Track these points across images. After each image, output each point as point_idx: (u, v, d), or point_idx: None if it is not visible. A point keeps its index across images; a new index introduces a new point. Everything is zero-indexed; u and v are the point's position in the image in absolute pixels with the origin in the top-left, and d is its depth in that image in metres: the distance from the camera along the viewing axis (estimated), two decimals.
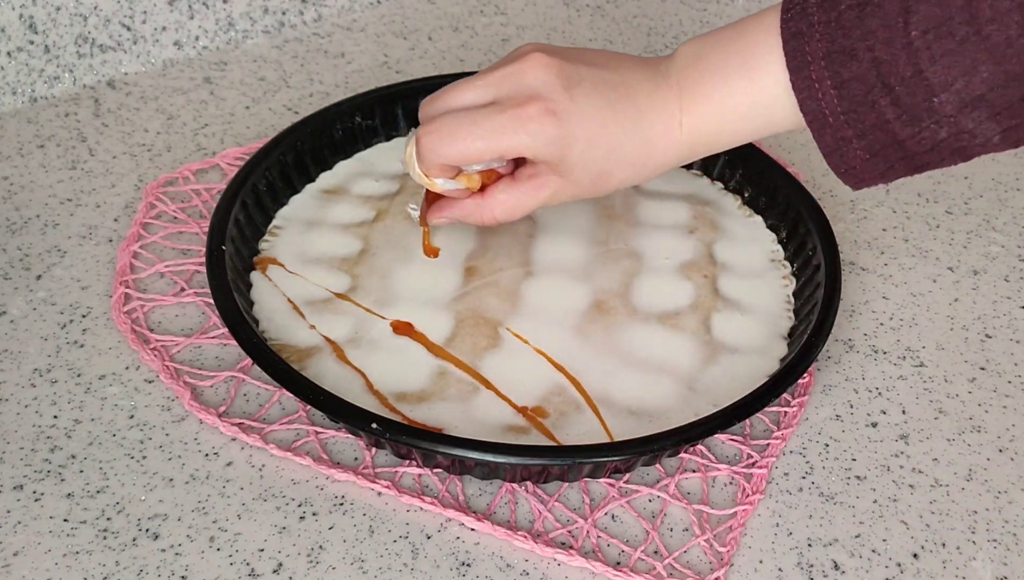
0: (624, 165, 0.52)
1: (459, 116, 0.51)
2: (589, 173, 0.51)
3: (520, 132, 0.50)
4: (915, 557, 0.50)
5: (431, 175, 0.53)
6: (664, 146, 0.52)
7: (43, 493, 0.50)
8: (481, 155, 0.51)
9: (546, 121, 0.49)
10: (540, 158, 0.51)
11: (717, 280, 0.62)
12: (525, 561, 0.49)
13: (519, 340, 0.57)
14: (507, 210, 0.54)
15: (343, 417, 0.50)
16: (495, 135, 0.50)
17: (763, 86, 0.49)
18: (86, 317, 0.59)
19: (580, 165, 0.51)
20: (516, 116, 0.50)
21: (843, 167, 0.48)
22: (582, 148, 0.50)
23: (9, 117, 0.73)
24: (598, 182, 0.52)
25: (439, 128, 0.51)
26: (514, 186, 0.53)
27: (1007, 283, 0.65)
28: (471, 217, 0.55)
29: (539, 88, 0.50)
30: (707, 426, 0.50)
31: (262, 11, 0.82)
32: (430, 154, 0.51)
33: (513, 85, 0.51)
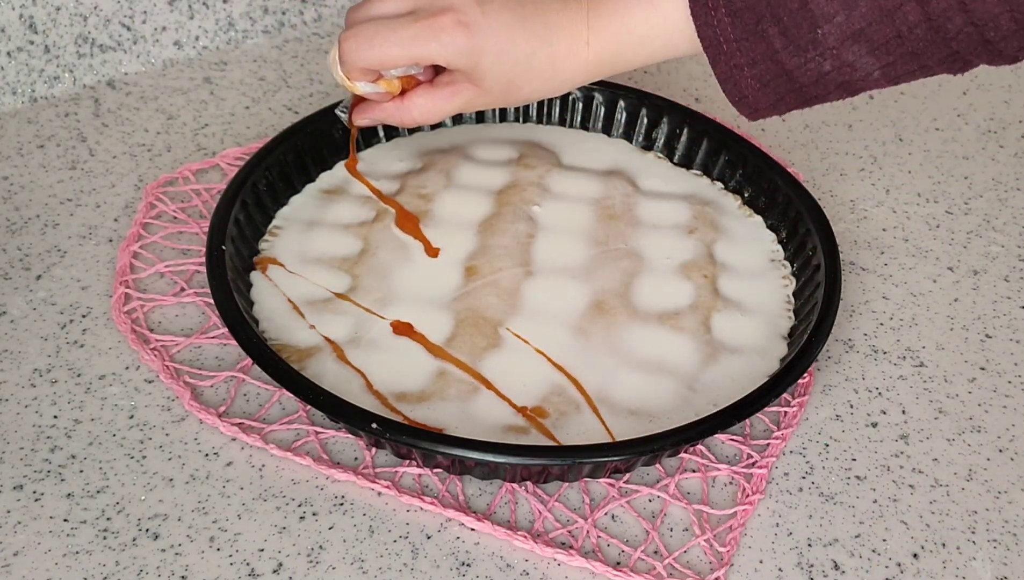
0: (532, 78, 0.55)
1: (378, 24, 0.54)
2: (499, 83, 0.55)
3: (432, 41, 0.53)
4: (915, 557, 0.50)
5: (352, 78, 0.56)
6: (572, 63, 0.55)
7: (43, 493, 0.50)
8: (396, 61, 0.54)
9: (457, 32, 0.53)
10: (452, 66, 0.54)
11: (717, 280, 0.62)
12: (525, 561, 0.49)
13: (519, 340, 0.57)
14: (424, 113, 0.57)
15: (343, 417, 0.50)
16: (409, 43, 0.53)
17: (663, 11, 0.52)
18: (86, 317, 0.59)
19: (490, 75, 0.54)
20: (430, 25, 0.53)
21: (737, 96, 0.52)
22: (491, 59, 0.53)
23: (9, 117, 0.73)
24: (508, 91, 0.55)
25: (358, 34, 0.54)
26: (431, 92, 0.57)
27: (1007, 283, 0.65)
28: (391, 118, 0.58)
29: (453, 1, 0.53)
30: (707, 426, 0.50)
31: (262, 11, 0.82)
32: (349, 57, 0.55)
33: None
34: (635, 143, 0.72)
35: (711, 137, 0.69)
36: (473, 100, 0.56)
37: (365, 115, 0.60)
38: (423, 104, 0.57)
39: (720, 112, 0.78)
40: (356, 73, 0.56)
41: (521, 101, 0.57)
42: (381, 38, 0.54)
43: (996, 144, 0.76)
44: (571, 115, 0.73)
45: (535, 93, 0.56)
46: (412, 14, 0.54)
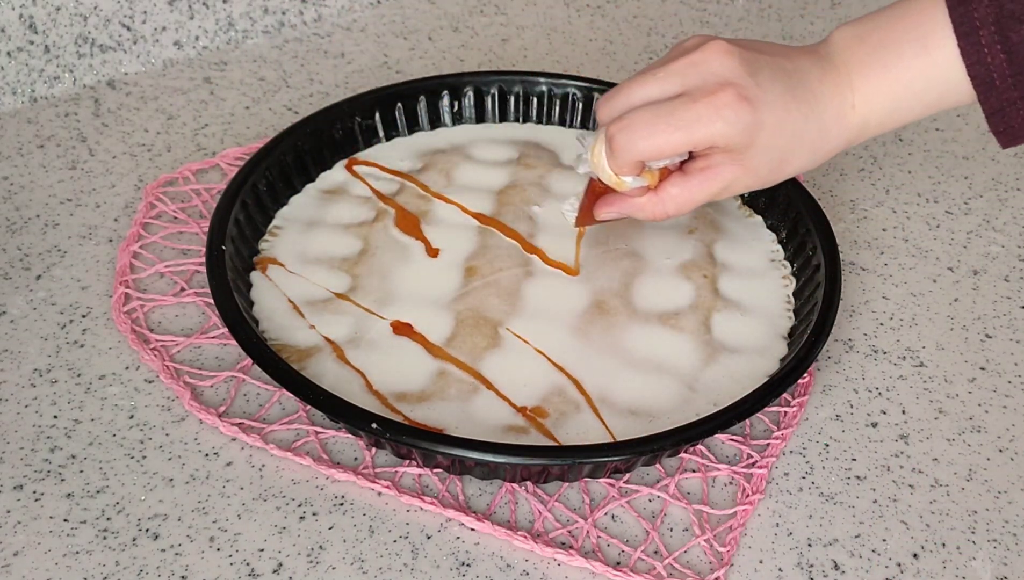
0: (803, 150, 0.52)
1: (652, 109, 0.50)
2: (770, 160, 0.51)
3: (717, 120, 0.49)
4: (915, 557, 0.50)
5: (623, 173, 0.52)
6: (838, 129, 0.52)
7: (43, 493, 0.50)
8: (677, 147, 0.51)
9: (741, 107, 0.49)
10: (731, 145, 0.50)
11: (717, 280, 0.62)
12: (525, 561, 0.49)
13: (519, 340, 0.57)
14: (679, 204, 0.53)
15: (343, 417, 0.50)
16: (691, 125, 0.50)
17: (935, 59, 0.50)
18: (86, 317, 0.59)
19: (764, 152, 0.51)
20: (711, 104, 0.49)
21: (1002, 126, 0.50)
22: (769, 133, 0.50)
23: (9, 117, 0.73)
24: (775, 169, 0.52)
25: (634, 123, 0.50)
26: (685, 180, 0.53)
27: (1007, 283, 0.65)
28: (642, 212, 0.55)
29: (727, 75, 0.50)
30: (707, 426, 0.50)
31: (262, 11, 0.82)
32: (626, 151, 0.51)
33: (699, 74, 0.50)
34: None
35: None
36: (732, 183, 0.52)
37: (612, 209, 0.55)
38: (678, 194, 0.53)
39: None
40: (628, 168, 0.52)
41: (782, 179, 0.53)
42: (662, 125, 0.50)
43: (996, 144, 0.76)
44: (571, 115, 0.73)
45: (800, 168, 0.53)
46: (685, 95, 0.50)
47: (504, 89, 0.72)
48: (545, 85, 0.72)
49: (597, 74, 0.81)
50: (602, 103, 0.54)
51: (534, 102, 0.72)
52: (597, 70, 0.82)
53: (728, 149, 0.51)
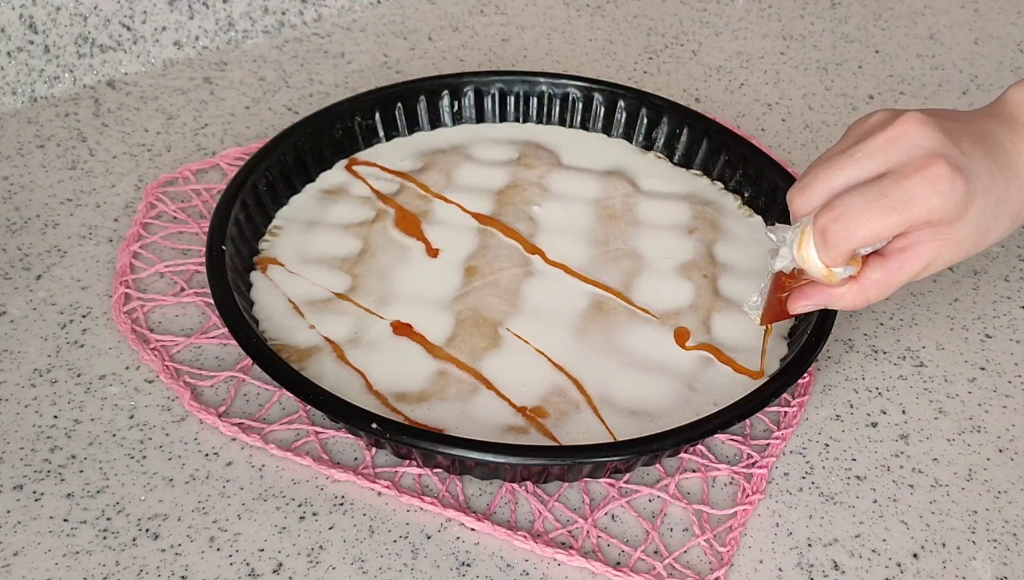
0: (1006, 217, 0.49)
1: (863, 193, 0.47)
2: (976, 231, 0.49)
3: (933, 195, 0.46)
4: (915, 557, 0.50)
5: (836, 264, 0.49)
6: None
7: (43, 493, 0.50)
8: (895, 230, 0.47)
9: (956, 178, 0.46)
10: (944, 219, 0.47)
11: (717, 280, 0.62)
12: (525, 561, 0.49)
13: (519, 340, 0.57)
14: (880, 290, 0.50)
15: (343, 417, 0.50)
16: (909, 204, 0.46)
17: None
18: (86, 317, 0.59)
19: (971, 223, 0.48)
20: (925, 178, 0.46)
21: None
22: (979, 202, 0.48)
23: (9, 117, 0.73)
24: (978, 241, 0.49)
25: (847, 211, 0.47)
26: (887, 263, 0.49)
27: (1007, 283, 0.65)
28: (842, 301, 0.51)
29: (934, 146, 0.47)
30: (707, 426, 0.50)
31: (262, 11, 0.82)
32: (842, 241, 0.47)
33: (902, 149, 0.47)
34: (635, 143, 0.72)
35: (711, 137, 0.69)
36: (935, 260, 0.49)
37: (811, 302, 0.51)
38: (879, 279, 0.49)
39: (720, 112, 0.78)
40: (843, 258, 0.48)
41: (983, 249, 0.50)
42: (878, 207, 0.46)
43: None
44: (571, 115, 0.73)
45: (1000, 236, 0.50)
46: (893, 173, 0.47)
47: (504, 89, 0.72)
48: (545, 85, 0.72)
49: (597, 74, 0.81)
50: (796, 193, 0.50)
51: (534, 102, 0.72)
52: (597, 70, 0.82)
53: (936, 224, 0.48)
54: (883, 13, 0.92)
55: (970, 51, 0.87)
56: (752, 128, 0.76)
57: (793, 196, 0.50)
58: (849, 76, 0.83)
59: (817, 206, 0.48)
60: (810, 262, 0.49)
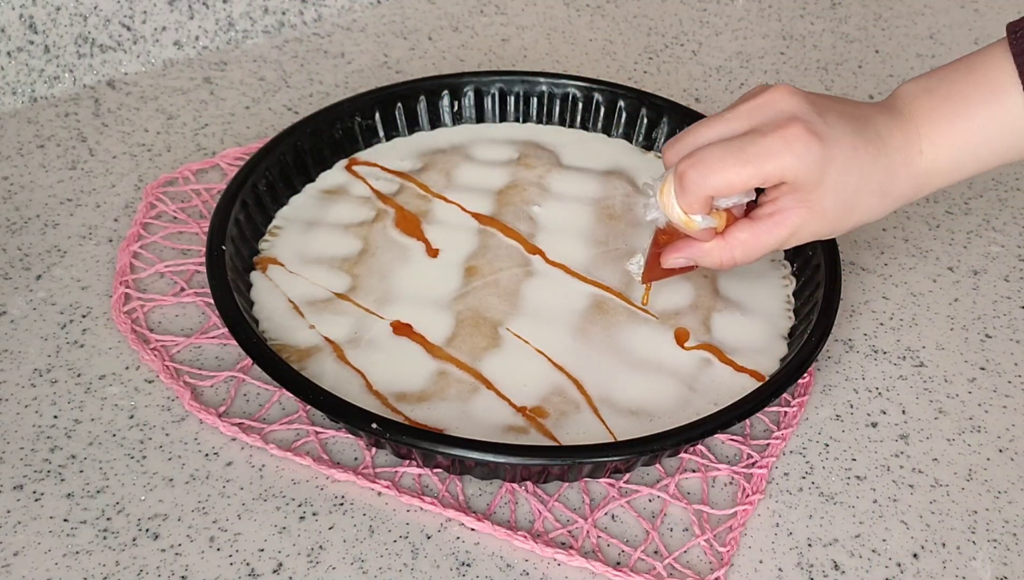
0: (870, 193, 0.51)
1: (723, 145, 0.50)
2: (838, 201, 0.51)
3: (787, 153, 0.49)
4: (915, 557, 0.50)
5: (693, 211, 0.52)
6: (906, 173, 0.52)
7: (43, 493, 0.50)
8: (747, 181, 0.50)
9: (810, 140, 0.49)
10: (800, 181, 0.50)
11: (717, 280, 0.62)
12: (525, 561, 0.49)
13: (519, 340, 0.57)
14: (747, 250, 0.53)
15: (343, 417, 0.50)
16: (762, 158, 0.49)
17: (1006, 106, 0.50)
18: (86, 317, 0.59)
19: (832, 192, 0.50)
20: (781, 137, 0.49)
21: None
22: (837, 171, 0.50)
23: (9, 117, 0.73)
24: (843, 213, 0.52)
25: (704, 159, 0.50)
26: (754, 225, 0.52)
27: (1007, 283, 0.65)
28: (709, 257, 0.54)
29: (795, 111, 0.50)
30: (707, 426, 0.50)
31: (262, 11, 0.82)
32: (697, 186, 0.50)
33: (766, 113, 0.51)
34: (635, 143, 0.72)
35: None
36: (800, 228, 0.52)
37: (680, 254, 0.54)
38: (746, 240, 0.52)
39: None
40: (699, 205, 0.51)
41: (849, 227, 0.53)
42: (732, 158, 0.50)
43: None
44: (571, 115, 0.73)
45: (866, 215, 0.52)
46: (754, 131, 0.50)
47: (504, 89, 0.72)
48: (545, 85, 0.72)
49: (597, 74, 0.81)
50: (669, 145, 0.53)
51: (534, 102, 0.72)
52: (597, 70, 0.82)
53: (796, 187, 0.50)
54: (883, 13, 0.92)
55: (970, 51, 0.87)
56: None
57: (667, 147, 0.54)
58: (849, 76, 0.83)
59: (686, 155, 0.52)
60: (670, 207, 0.52)
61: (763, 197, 0.53)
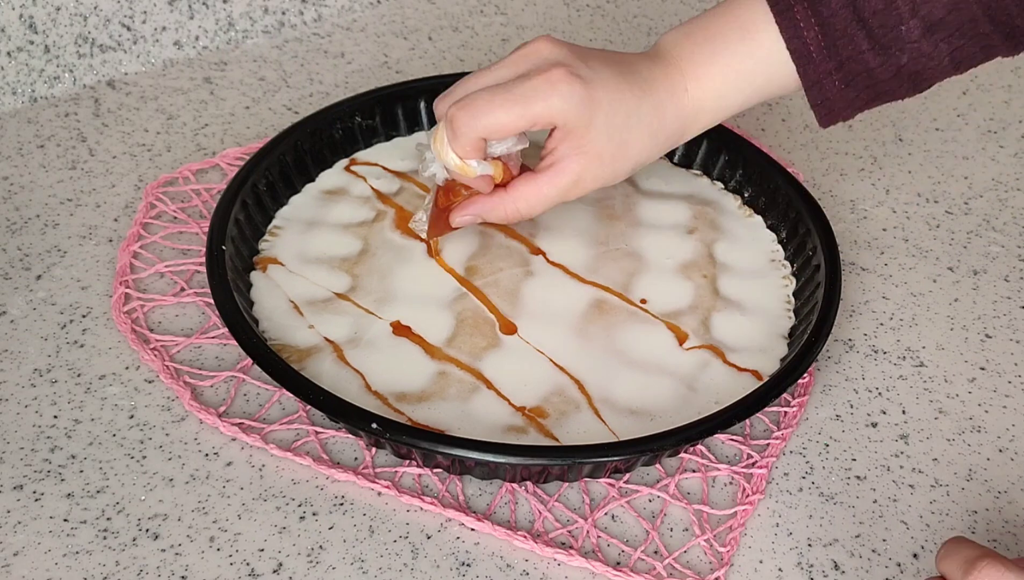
0: (641, 132, 0.53)
1: (490, 89, 0.52)
2: (611, 143, 0.53)
3: (552, 94, 0.51)
4: (915, 557, 0.50)
5: (466, 155, 0.53)
6: (674, 110, 0.54)
7: (43, 493, 0.50)
8: (516, 121, 0.52)
9: (574, 81, 0.51)
10: (570, 123, 0.52)
11: (717, 280, 0.62)
12: (525, 561, 0.49)
13: (519, 340, 0.57)
14: (531, 202, 0.55)
15: (343, 417, 0.50)
16: (528, 100, 0.51)
17: (760, 41, 0.53)
18: (86, 317, 0.59)
19: (604, 133, 0.52)
20: (546, 79, 0.51)
21: (820, 99, 0.54)
22: (605, 113, 0.52)
23: (9, 117, 0.73)
24: (618, 155, 0.53)
25: (472, 102, 0.52)
26: (535, 177, 0.54)
27: (1007, 283, 0.65)
28: (494, 211, 0.56)
29: (559, 58, 0.52)
30: (707, 426, 0.50)
31: (262, 11, 0.82)
32: (468, 128, 0.52)
33: (531, 61, 0.53)
34: None
35: (711, 137, 0.69)
36: (581, 175, 0.54)
37: (466, 212, 0.56)
38: (528, 190, 0.54)
39: None
40: (471, 147, 0.53)
41: (629, 167, 0.55)
42: (500, 100, 0.52)
43: (996, 144, 0.76)
44: None
45: (642, 153, 0.54)
46: (520, 76, 0.53)
47: None
48: None
49: None
50: (439, 99, 0.56)
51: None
52: None
53: (568, 132, 0.52)
54: None
55: None
56: (752, 128, 0.76)
57: (437, 101, 0.56)
58: None
59: None
60: (446, 155, 0.54)
61: (542, 152, 0.55)
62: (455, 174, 0.55)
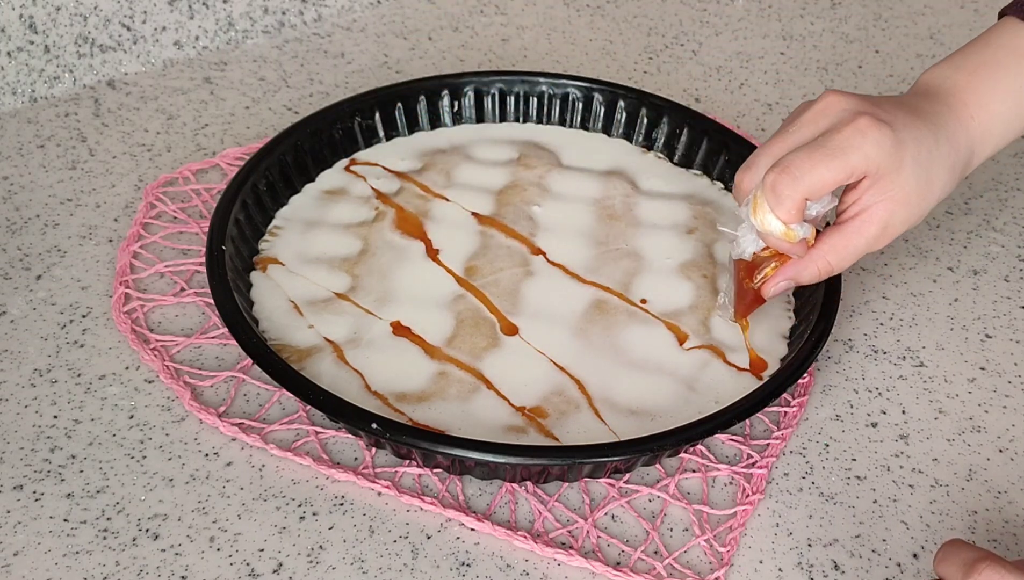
0: (943, 167, 0.53)
1: (804, 148, 0.51)
2: (918, 183, 0.52)
3: (865, 143, 0.50)
4: (915, 557, 0.50)
5: (791, 218, 0.51)
6: (965, 144, 0.54)
7: (43, 493, 0.50)
8: (836, 175, 0.51)
9: (883, 128, 0.51)
10: (883, 169, 0.51)
11: (717, 280, 0.62)
12: (525, 561, 0.49)
13: (519, 340, 0.57)
14: (840, 255, 0.53)
15: (343, 417, 0.50)
16: (845, 152, 0.50)
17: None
18: (86, 317, 0.59)
19: (911, 174, 0.52)
20: (856, 129, 0.51)
21: None
22: (912, 152, 0.52)
23: (9, 117, 0.73)
24: (924, 194, 0.53)
25: (791, 162, 0.51)
26: (842, 228, 0.53)
27: (1007, 283, 0.65)
28: (806, 271, 0.54)
29: (857, 108, 0.52)
30: (707, 426, 0.50)
31: (262, 11, 0.82)
32: (791, 189, 0.51)
33: (830, 116, 0.52)
34: (635, 143, 0.72)
35: (711, 137, 0.69)
36: (889, 221, 0.52)
37: (780, 279, 0.54)
38: (838, 243, 0.53)
39: (720, 112, 0.78)
40: (796, 209, 0.51)
41: (931, 206, 0.54)
42: (818, 157, 0.50)
43: None
44: (571, 115, 0.73)
45: (944, 188, 0.54)
46: (827, 132, 0.51)
47: (504, 89, 0.72)
48: (545, 85, 0.72)
49: (597, 74, 0.81)
50: (742, 172, 0.54)
51: (534, 102, 0.72)
52: (597, 70, 0.82)
53: (878, 178, 0.51)
54: (883, 13, 0.92)
55: None
56: (752, 128, 0.76)
57: (740, 176, 0.54)
58: (849, 76, 0.83)
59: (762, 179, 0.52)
60: (767, 223, 0.52)
61: (843, 204, 0.53)
62: (775, 243, 0.53)
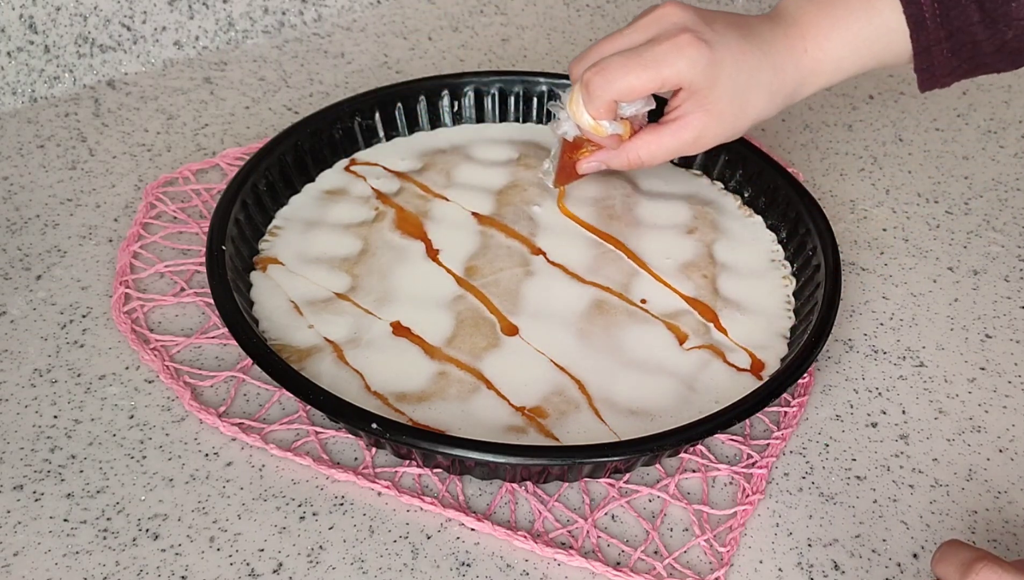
0: (761, 91, 0.57)
1: (622, 54, 0.56)
2: (732, 102, 0.56)
3: (680, 58, 0.55)
4: (915, 557, 0.50)
5: (600, 116, 0.57)
6: (793, 69, 0.57)
7: (43, 493, 0.50)
8: (646, 84, 0.55)
9: (700, 46, 0.55)
10: (695, 85, 0.55)
11: (717, 280, 0.62)
12: (525, 561, 0.49)
13: (519, 340, 0.57)
14: (651, 152, 0.58)
15: (343, 417, 0.50)
16: (658, 64, 0.55)
17: (880, 10, 0.56)
18: (86, 317, 0.59)
19: (726, 93, 0.56)
20: (674, 44, 0.55)
21: (925, 64, 0.57)
22: (729, 72, 0.55)
23: (9, 117, 0.73)
24: (739, 113, 0.57)
25: (606, 66, 0.56)
26: (658, 129, 0.58)
27: (1007, 283, 0.65)
28: (617, 160, 0.60)
29: (685, 23, 0.56)
30: (707, 426, 0.50)
31: (262, 11, 0.82)
32: (602, 91, 0.56)
33: (659, 26, 0.56)
34: None
35: None
36: (702, 131, 0.57)
37: (592, 160, 0.61)
38: (650, 141, 0.58)
39: None
40: (605, 109, 0.57)
41: (747, 125, 0.58)
42: (633, 64, 0.55)
43: (996, 144, 0.76)
44: None
45: (761, 112, 0.57)
46: (650, 41, 0.56)
47: (504, 89, 0.72)
48: (545, 85, 0.72)
49: None
50: (574, 62, 0.59)
51: (534, 102, 0.72)
52: None
53: (693, 92, 0.56)
54: None
55: None
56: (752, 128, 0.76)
57: (573, 63, 0.59)
58: None
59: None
60: (580, 116, 0.58)
61: (667, 108, 0.58)
62: (587, 133, 0.59)
